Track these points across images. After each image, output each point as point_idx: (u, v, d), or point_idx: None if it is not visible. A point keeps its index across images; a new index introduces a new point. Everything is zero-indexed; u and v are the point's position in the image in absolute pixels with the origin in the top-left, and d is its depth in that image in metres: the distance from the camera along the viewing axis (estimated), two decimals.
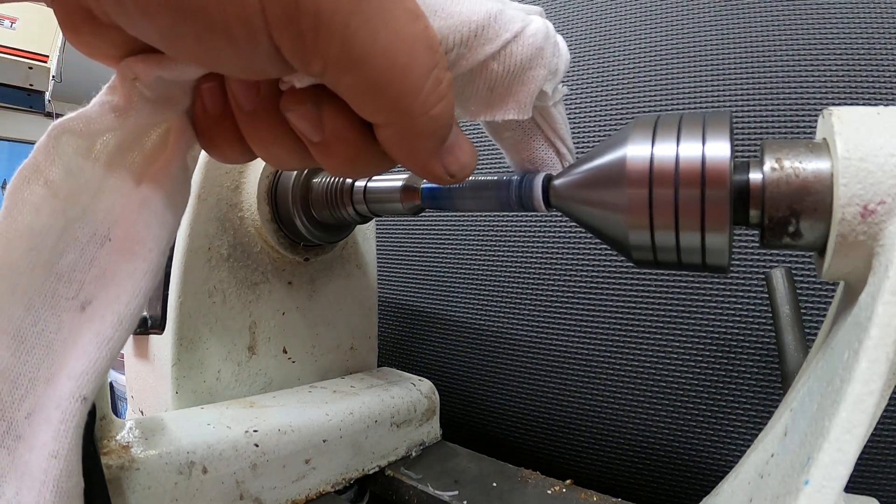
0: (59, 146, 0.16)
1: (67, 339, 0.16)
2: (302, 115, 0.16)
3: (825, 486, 0.13)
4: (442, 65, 0.16)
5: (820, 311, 0.33)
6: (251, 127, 0.17)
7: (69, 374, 0.16)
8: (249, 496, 0.25)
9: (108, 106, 0.16)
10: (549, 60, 0.19)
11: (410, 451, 0.34)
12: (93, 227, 0.17)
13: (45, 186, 0.16)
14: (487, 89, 0.18)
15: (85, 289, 0.17)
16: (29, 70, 2.19)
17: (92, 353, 0.16)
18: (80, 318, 0.17)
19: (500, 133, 0.22)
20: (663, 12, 0.41)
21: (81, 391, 0.16)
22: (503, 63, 0.18)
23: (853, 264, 0.16)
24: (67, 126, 0.16)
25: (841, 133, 0.15)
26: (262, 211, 0.31)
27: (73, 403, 0.16)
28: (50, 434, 0.15)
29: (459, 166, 0.18)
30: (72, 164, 0.16)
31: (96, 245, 0.17)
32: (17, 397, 0.16)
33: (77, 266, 0.17)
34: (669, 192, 0.17)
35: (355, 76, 0.14)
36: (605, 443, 0.40)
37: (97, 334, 0.16)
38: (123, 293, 0.17)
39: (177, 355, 0.29)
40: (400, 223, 0.54)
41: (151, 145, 0.18)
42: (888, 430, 0.31)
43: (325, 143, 0.17)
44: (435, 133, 0.16)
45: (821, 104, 0.35)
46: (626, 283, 0.40)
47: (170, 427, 0.25)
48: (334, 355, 0.37)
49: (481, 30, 0.17)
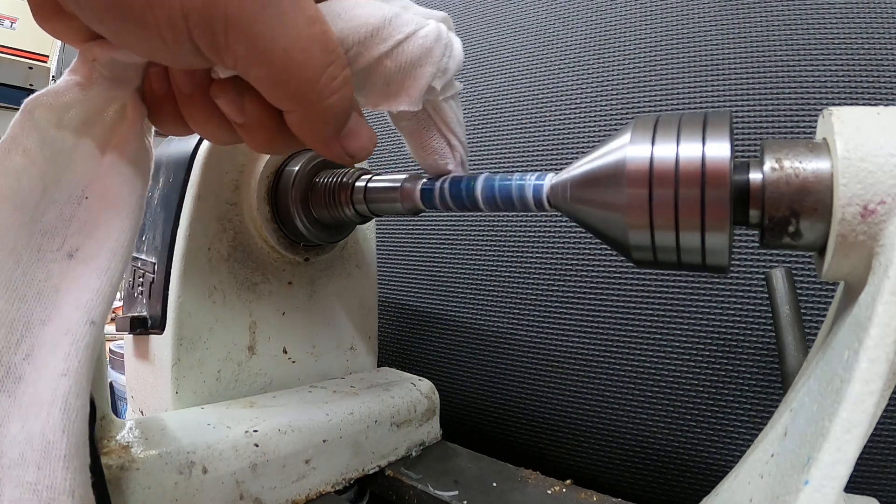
0: (33, 119, 0.18)
1: (59, 285, 0.18)
2: (226, 102, 0.19)
3: (825, 486, 0.13)
4: (337, 63, 0.19)
5: (820, 311, 0.33)
6: (188, 107, 0.21)
7: (76, 306, 0.18)
8: (249, 496, 0.25)
9: (73, 82, 0.19)
10: (439, 60, 0.21)
11: (410, 451, 0.34)
12: (68, 189, 0.19)
13: (24, 155, 0.18)
14: (384, 83, 0.21)
15: (68, 241, 0.19)
16: (29, 70, 2.19)
17: (94, 284, 0.18)
18: (69, 264, 0.19)
19: (399, 122, 0.24)
20: (663, 12, 0.41)
21: (90, 316, 0.18)
22: (395, 60, 0.20)
23: (853, 264, 0.16)
24: (39, 101, 0.18)
25: (841, 133, 0.15)
26: (262, 211, 0.31)
27: (83, 327, 0.17)
28: (59, 357, 0.17)
29: (357, 148, 0.21)
30: (45, 135, 0.18)
31: (73, 204, 0.19)
32: (14, 342, 0.17)
33: (58, 223, 0.19)
34: (669, 192, 0.17)
35: (260, 70, 0.17)
36: (605, 443, 0.40)
37: (95, 269, 0.19)
38: (112, 232, 0.19)
39: (177, 355, 0.29)
40: (400, 223, 0.54)
41: (111, 118, 0.20)
42: (888, 430, 0.31)
43: (246, 125, 0.20)
44: (331, 120, 0.20)
45: (821, 104, 0.35)
46: (626, 283, 0.40)
47: (170, 427, 0.25)
48: (334, 355, 0.37)
49: (377, 31, 0.20)
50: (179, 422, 0.26)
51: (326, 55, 0.18)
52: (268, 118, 0.20)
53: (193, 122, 0.21)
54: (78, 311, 0.18)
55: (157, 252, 0.31)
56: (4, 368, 0.16)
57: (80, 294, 0.18)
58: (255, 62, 0.17)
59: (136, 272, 0.33)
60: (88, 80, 0.19)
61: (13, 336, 0.17)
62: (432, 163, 0.25)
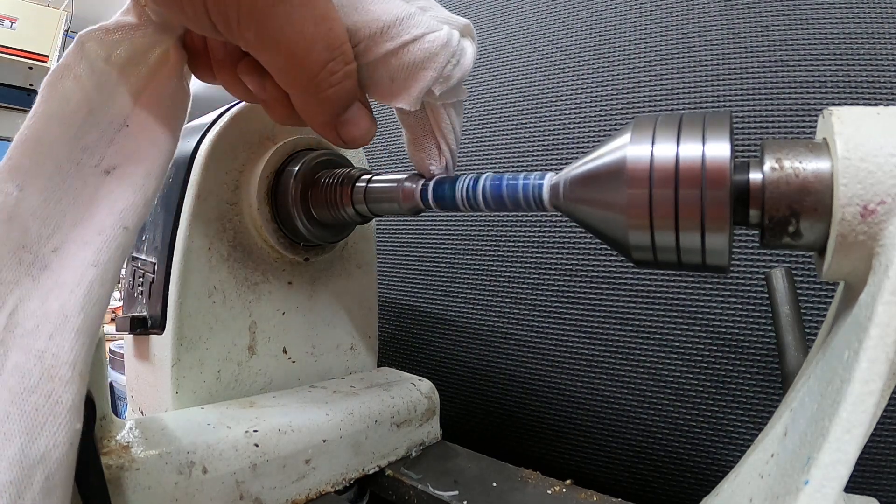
0: (85, 50, 0.20)
1: (94, 195, 0.20)
2: (250, 81, 0.22)
3: (825, 486, 0.13)
4: (340, 59, 0.20)
5: (820, 311, 0.33)
6: (219, 69, 0.23)
7: (111, 211, 0.19)
8: (249, 496, 0.25)
9: (123, 21, 0.20)
10: (443, 66, 0.22)
11: (410, 451, 0.34)
12: (110, 115, 0.21)
13: (74, 81, 0.20)
14: (388, 79, 0.22)
15: (106, 159, 0.21)
16: (29, 70, 2.19)
17: (129, 197, 0.20)
18: (105, 179, 0.20)
19: (401, 116, 0.25)
20: (663, 12, 0.41)
21: (123, 222, 0.19)
22: (400, 59, 0.21)
23: (853, 264, 0.16)
24: (91, 34, 0.20)
25: (841, 133, 0.15)
26: (262, 211, 0.31)
27: (116, 230, 0.19)
28: (90, 251, 0.18)
29: (352, 136, 0.23)
30: (95, 66, 0.20)
31: (114, 129, 0.21)
32: (45, 235, 0.18)
33: (98, 143, 0.21)
34: (669, 192, 0.17)
35: (267, 56, 0.20)
36: (605, 443, 0.40)
37: (131, 185, 0.20)
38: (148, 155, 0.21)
39: (177, 355, 0.29)
40: (400, 223, 0.54)
41: (154, 60, 0.22)
42: (888, 430, 0.31)
43: (266, 100, 0.23)
44: (328, 109, 0.21)
45: (821, 104, 0.35)
46: (626, 283, 0.40)
47: (170, 427, 0.25)
48: (334, 355, 0.37)
49: (387, 28, 0.21)
50: (179, 422, 0.26)
51: (328, 52, 0.20)
52: (284, 98, 0.22)
53: (222, 81, 0.23)
54: (112, 217, 0.19)
55: (157, 252, 0.31)
56: (33, 256, 0.18)
57: (114, 204, 0.20)
58: (262, 49, 0.19)
59: (136, 272, 0.33)
60: (138, 22, 0.20)
61: (45, 230, 0.18)
62: (419, 160, 0.26)
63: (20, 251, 0.18)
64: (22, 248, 0.18)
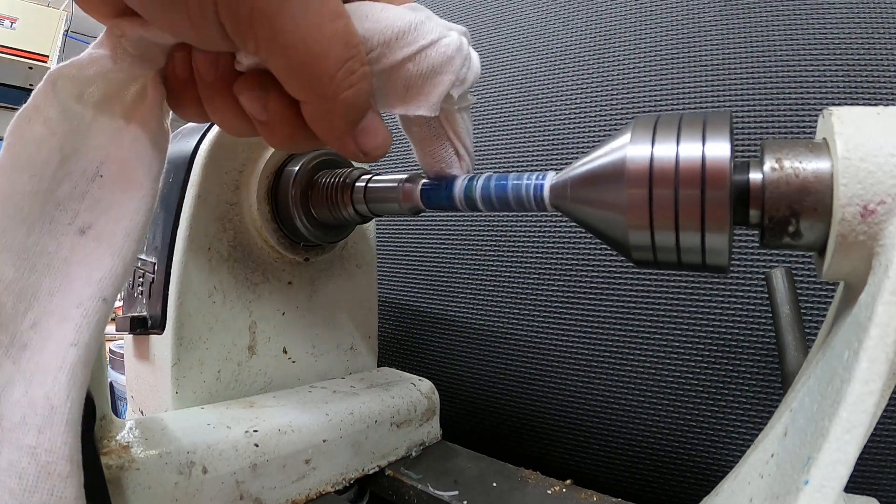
0: (56, 90, 0.18)
1: (69, 259, 0.18)
2: (250, 98, 0.20)
3: (825, 486, 0.13)
4: (357, 59, 0.19)
5: (820, 311, 0.33)
6: (208, 95, 0.21)
7: (88, 282, 0.18)
8: (249, 496, 0.25)
9: (97, 56, 0.19)
10: (458, 69, 0.21)
11: (410, 451, 0.34)
12: (83, 164, 0.19)
13: (45, 125, 0.18)
14: (403, 87, 0.21)
15: (81, 216, 0.19)
16: (29, 70, 2.19)
17: (107, 263, 0.18)
18: (80, 240, 0.19)
19: (410, 128, 0.25)
20: (663, 12, 0.41)
21: (102, 293, 0.18)
22: (418, 65, 0.21)
23: (853, 264, 0.16)
24: (62, 72, 0.18)
25: (841, 133, 0.15)
26: (262, 211, 0.31)
27: (95, 302, 0.18)
28: (69, 329, 0.17)
29: (371, 146, 0.21)
30: (66, 106, 0.18)
31: (88, 180, 0.19)
32: (21, 310, 0.17)
33: (72, 196, 0.19)
34: (669, 192, 0.17)
35: (281, 58, 0.18)
36: (605, 443, 0.40)
37: (109, 248, 0.19)
38: (126, 212, 0.19)
39: (177, 355, 0.29)
40: (400, 223, 0.54)
41: (131, 97, 0.20)
42: (888, 430, 0.31)
43: (268, 122, 0.20)
44: (346, 114, 0.20)
45: (821, 104, 0.35)
46: (626, 283, 0.40)
47: (170, 427, 0.25)
48: (334, 355, 0.37)
49: (402, 34, 0.20)
50: (179, 422, 0.26)
51: (346, 49, 0.18)
52: (289, 115, 0.20)
53: (212, 111, 0.21)
54: (90, 288, 0.18)
55: (157, 252, 0.31)
56: (10, 336, 0.17)
57: (92, 272, 0.18)
58: (276, 49, 0.18)
59: (136, 272, 0.33)
60: (113, 56, 0.19)
61: (21, 304, 0.17)
62: (438, 171, 0.25)
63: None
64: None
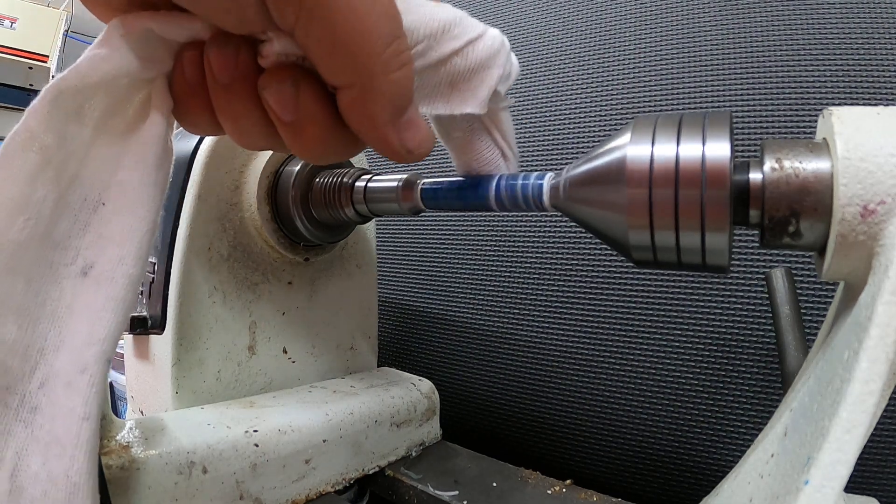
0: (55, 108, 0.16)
1: (72, 305, 0.17)
2: (279, 94, 0.17)
3: (825, 486, 0.13)
4: (404, 39, 0.17)
5: (820, 311, 0.33)
6: (223, 100, 0.18)
7: (90, 340, 0.16)
8: (249, 496, 0.25)
9: (98, 58, 0.16)
10: (504, 64, 0.20)
11: (410, 451, 0.34)
12: (83, 192, 0.17)
13: (40, 153, 0.16)
14: (449, 84, 0.20)
15: (82, 254, 0.17)
16: (29, 70, 2.19)
17: (108, 317, 0.17)
18: (83, 283, 0.17)
19: (450, 133, 0.23)
20: (663, 12, 0.41)
21: (105, 353, 0.17)
22: (465, 59, 0.19)
23: (853, 264, 0.16)
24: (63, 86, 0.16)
25: (841, 133, 0.15)
26: (262, 211, 0.31)
27: (100, 367, 0.16)
28: (79, 399, 0.16)
29: (416, 143, 0.19)
30: (65, 130, 0.16)
31: (89, 210, 0.17)
32: (28, 369, 0.16)
33: (72, 233, 0.17)
34: (669, 192, 0.17)
35: (323, 29, 0.16)
36: (605, 443, 0.40)
37: (111, 298, 0.17)
38: (128, 254, 0.17)
39: (177, 355, 0.29)
40: (400, 223, 0.54)
41: (134, 111, 0.18)
42: (888, 430, 0.31)
43: (296, 122, 0.18)
44: (393, 99, 0.17)
45: (821, 104, 0.35)
46: (626, 283, 0.40)
47: (170, 427, 0.25)
48: (334, 355, 0.37)
49: (449, 27, 0.19)
50: (179, 422, 0.26)
51: (394, 27, 0.17)
52: (323, 112, 0.18)
53: (226, 118, 0.19)
54: (93, 348, 0.16)
55: (157, 252, 0.31)
56: (20, 397, 0.16)
57: (94, 326, 0.17)
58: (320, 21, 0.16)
59: None
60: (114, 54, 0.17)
61: (27, 364, 0.16)
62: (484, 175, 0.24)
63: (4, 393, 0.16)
64: (6, 391, 0.16)
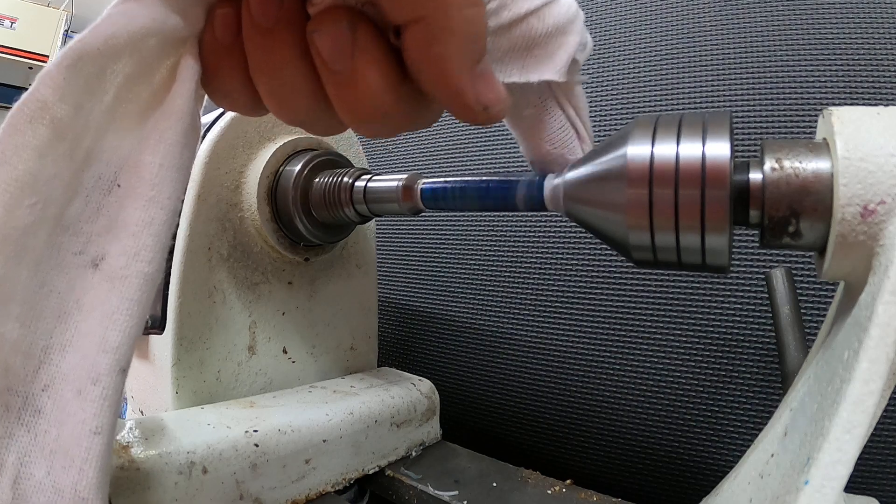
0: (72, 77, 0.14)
1: (81, 301, 0.15)
2: (335, 36, 0.15)
3: (825, 486, 0.13)
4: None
5: (820, 311, 0.33)
6: (264, 48, 0.16)
7: (103, 347, 0.15)
8: (249, 496, 0.25)
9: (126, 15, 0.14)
10: (582, 30, 0.18)
11: (410, 451, 0.34)
12: (97, 169, 0.15)
13: (51, 127, 0.14)
14: (525, 47, 0.18)
15: (93, 242, 0.15)
16: (29, 70, 2.18)
17: (123, 321, 0.15)
18: (93, 276, 0.15)
19: (520, 111, 0.20)
20: (663, 12, 0.41)
21: (119, 363, 0.15)
22: (543, 21, 0.17)
23: (853, 264, 0.16)
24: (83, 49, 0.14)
25: (841, 133, 0.15)
26: (262, 211, 0.31)
27: (114, 378, 0.15)
28: (90, 411, 0.15)
29: (494, 98, 0.16)
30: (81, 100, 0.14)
31: (102, 191, 0.15)
32: (31, 369, 0.15)
33: (82, 215, 0.15)
34: (669, 192, 0.17)
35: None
36: (605, 443, 0.40)
37: (125, 299, 0.15)
38: (144, 248, 0.16)
39: (177, 355, 0.29)
40: (400, 223, 0.54)
41: (160, 79, 0.16)
42: (888, 430, 0.31)
43: (350, 72, 0.15)
44: (468, 39, 0.15)
45: (821, 104, 0.35)
46: (626, 283, 0.40)
47: (170, 427, 0.25)
48: (334, 355, 0.37)
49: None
50: (179, 422, 0.26)
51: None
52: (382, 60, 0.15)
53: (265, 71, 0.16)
54: (107, 357, 0.15)
55: None
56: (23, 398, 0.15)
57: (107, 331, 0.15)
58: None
59: None
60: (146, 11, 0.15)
61: (30, 362, 0.15)
62: (557, 158, 0.21)
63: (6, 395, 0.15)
64: (7, 392, 0.15)
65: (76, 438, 0.15)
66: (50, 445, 0.15)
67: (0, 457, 0.14)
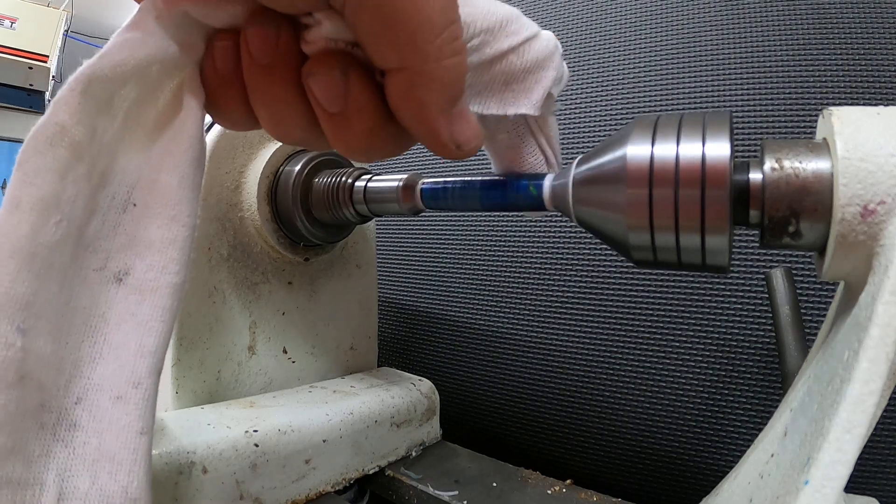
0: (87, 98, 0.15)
1: (107, 315, 0.16)
2: (328, 82, 0.16)
3: (825, 486, 0.13)
4: (459, 25, 0.16)
5: (820, 311, 0.33)
6: (261, 84, 0.17)
7: (141, 352, 0.16)
8: (249, 496, 0.25)
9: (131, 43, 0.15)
10: (559, 65, 0.20)
11: (410, 451, 0.34)
12: (111, 190, 0.16)
13: (70, 149, 0.15)
14: (503, 83, 0.19)
15: (113, 258, 0.16)
16: (29, 70, 2.18)
17: (158, 327, 0.16)
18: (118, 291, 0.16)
19: (495, 135, 0.22)
20: (663, 12, 0.41)
21: (157, 365, 0.16)
22: (521, 57, 0.18)
23: (853, 264, 0.16)
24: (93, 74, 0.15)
25: (841, 133, 0.15)
26: (262, 211, 0.31)
27: (153, 379, 0.16)
28: (135, 413, 0.15)
29: (467, 137, 0.18)
30: (95, 123, 0.15)
31: (117, 210, 0.16)
32: (63, 383, 0.15)
33: (100, 233, 0.16)
34: (669, 192, 0.17)
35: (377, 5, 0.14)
36: (605, 443, 0.40)
37: (158, 307, 0.16)
38: (171, 262, 0.16)
39: (177, 355, 0.29)
40: (400, 223, 0.54)
41: (164, 103, 0.17)
42: (888, 430, 0.31)
43: (344, 114, 0.16)
44: (446, 87, 0.16)
45: (821, 104, 0.35)
46: (626, 283, 0.40)
47: (170, 427, 0.25)
48: (334, 355, 0.37)
49: (506, 23, 0.18)
50: (179, 422, 0.26)
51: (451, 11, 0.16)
52: (372, 102, 0.16)
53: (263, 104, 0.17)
54: (146, 360, 0.16)
55: None
56: (56, 414, 0.15)
57: (143, 337, 0.16)
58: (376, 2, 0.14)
59: None
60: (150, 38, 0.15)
61: (61, 378, 0.15)
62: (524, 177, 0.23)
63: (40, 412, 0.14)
64: (41, 408, 0.14)
65: (122, 442, 0.15)
66: (91, 455, 0.15)
67: (41, 476, 0.14)
